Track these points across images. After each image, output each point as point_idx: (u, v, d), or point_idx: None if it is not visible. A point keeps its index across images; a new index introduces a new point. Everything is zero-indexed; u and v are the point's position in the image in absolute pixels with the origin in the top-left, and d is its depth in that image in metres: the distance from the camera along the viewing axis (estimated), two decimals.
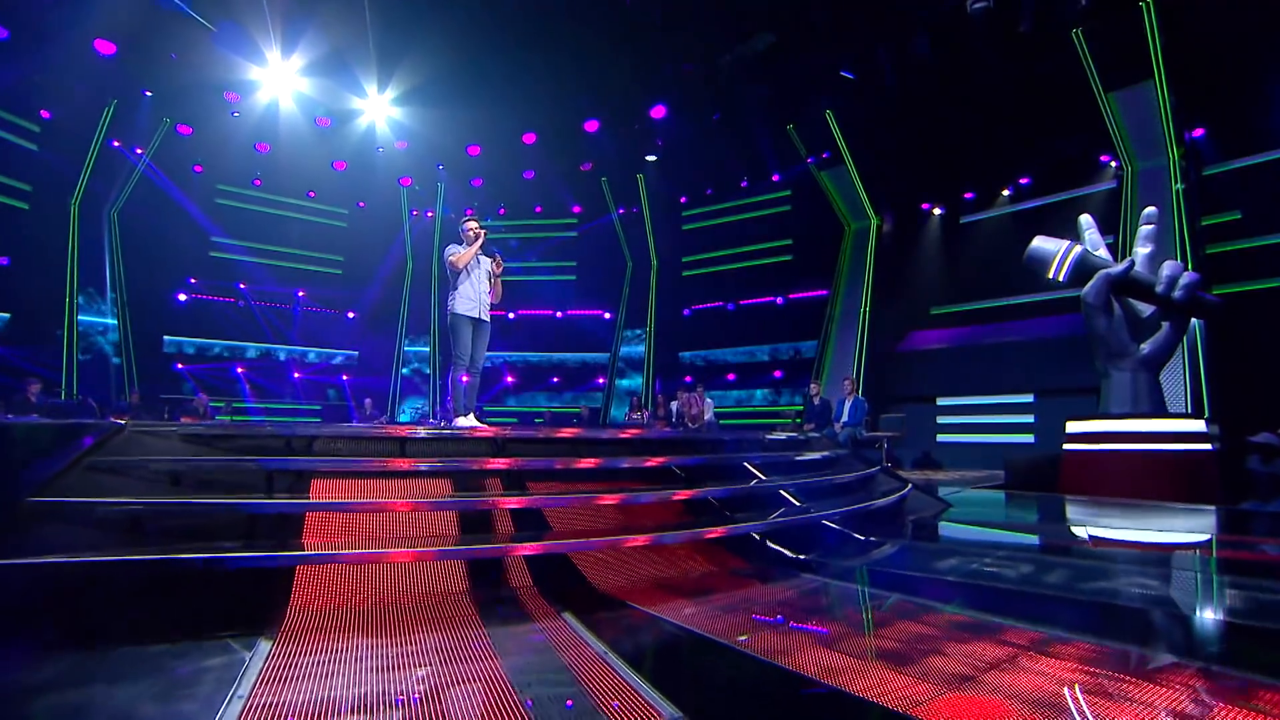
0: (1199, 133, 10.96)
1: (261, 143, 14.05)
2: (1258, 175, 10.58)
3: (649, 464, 3.97)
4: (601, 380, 17.30)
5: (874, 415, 10.31)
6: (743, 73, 12.53)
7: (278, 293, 16.06)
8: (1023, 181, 12.93)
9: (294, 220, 16.31)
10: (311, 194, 16.25)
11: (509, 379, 17.38)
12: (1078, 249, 6.93)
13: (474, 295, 5.56)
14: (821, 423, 10.51)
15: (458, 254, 5.52)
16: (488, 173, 15.80)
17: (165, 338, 14.52)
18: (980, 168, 13.09)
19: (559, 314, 17.65)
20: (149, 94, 12.04)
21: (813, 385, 11.19)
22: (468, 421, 5.64)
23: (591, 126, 13.96)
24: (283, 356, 16.23)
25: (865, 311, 13.65)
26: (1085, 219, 7.47)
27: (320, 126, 13.84)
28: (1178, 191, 10.59)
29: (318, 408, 15.96)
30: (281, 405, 15.64)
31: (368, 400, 14.11)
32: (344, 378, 16.46)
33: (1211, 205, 10.83)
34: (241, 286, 15.60)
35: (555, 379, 17.46)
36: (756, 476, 4.61)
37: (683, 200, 16.82)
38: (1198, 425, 7.11)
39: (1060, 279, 7.08)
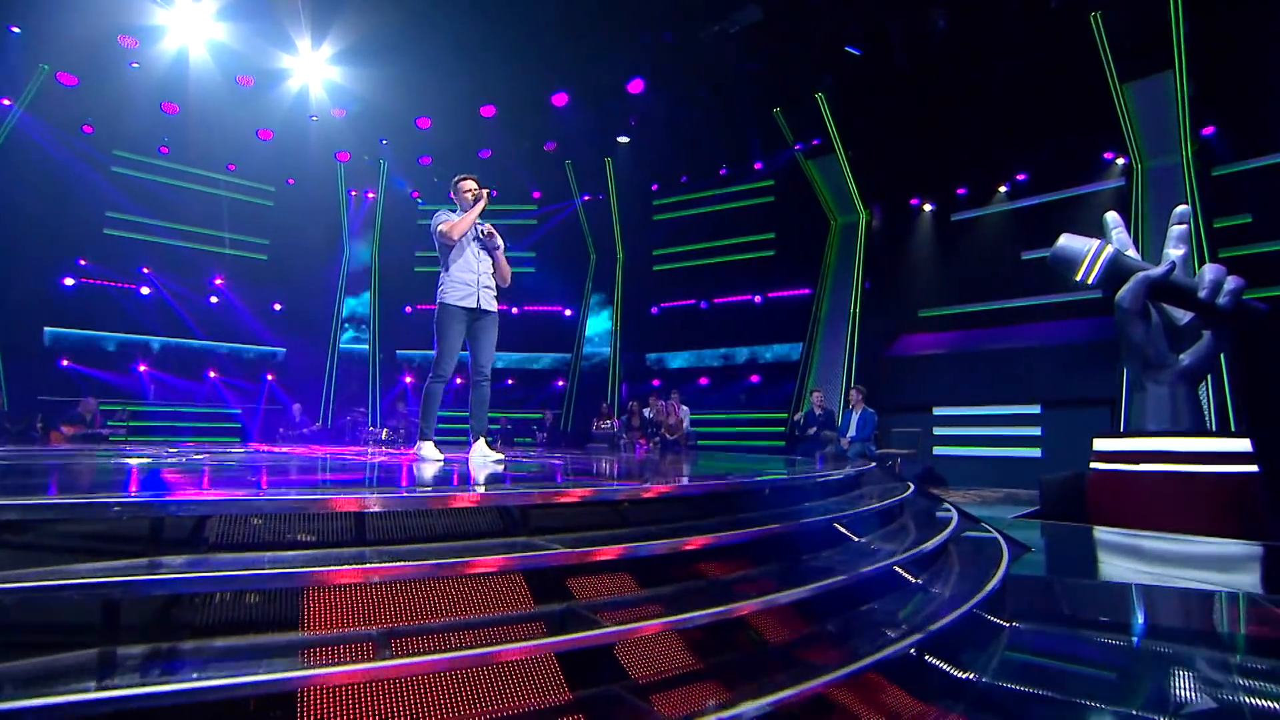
0: (1209, 130, 10.39)
1: (169, 102, 11.98)
2: (1269, 177, 10.06)
3: (712, 543, 2.64)
4: (562, 384, 15.86)
5: (882, 428, 9.29)
6: (729, 48, 11.34)
7: (190, 279, 13.94)
8: (1019, 178, 12.20)
9: (210, 196, 14.18)
10: (231, 167, 14.17)
11: (458, 380, 15.69)
12: (1110, 249, 6.09)
13: (470, 279, 4.19)
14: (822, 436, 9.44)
15: (449, 221, 4.15)
16: (439, 150, 14.10)
17: (46, 329, 12.26)
18: (975, 162, 12.28)
19: (514, 309, 16.07)
20: (16, 30, 9.86)
21: (815, 394, 10.09)
22: (430, 452, 4.24)
23: (560, 100, 12.49)
24: (195, 352, 14.11)
25: (855, 313, 12.69)
26: (1112, 216, 6.66)
27: (241, 86, 11.88)
28: (1193, 191, 9.98)
29: (237, 413, 13.95)
30: (194, 409, 13.56)
31: (296, 406, 12.28)
32: (268, 378, 14.47)
33: (1221, 207, 10.28)
34: (145, 271, 13.42)
35: (510, 380, 15.91)
36: (849, 539, 3.39)
37: (654, 188, 15.52)
38: (1243, 444, 6.30)
39: (1089, 282, 6.23)
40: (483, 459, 4.31)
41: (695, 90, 12.36)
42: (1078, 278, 6.18)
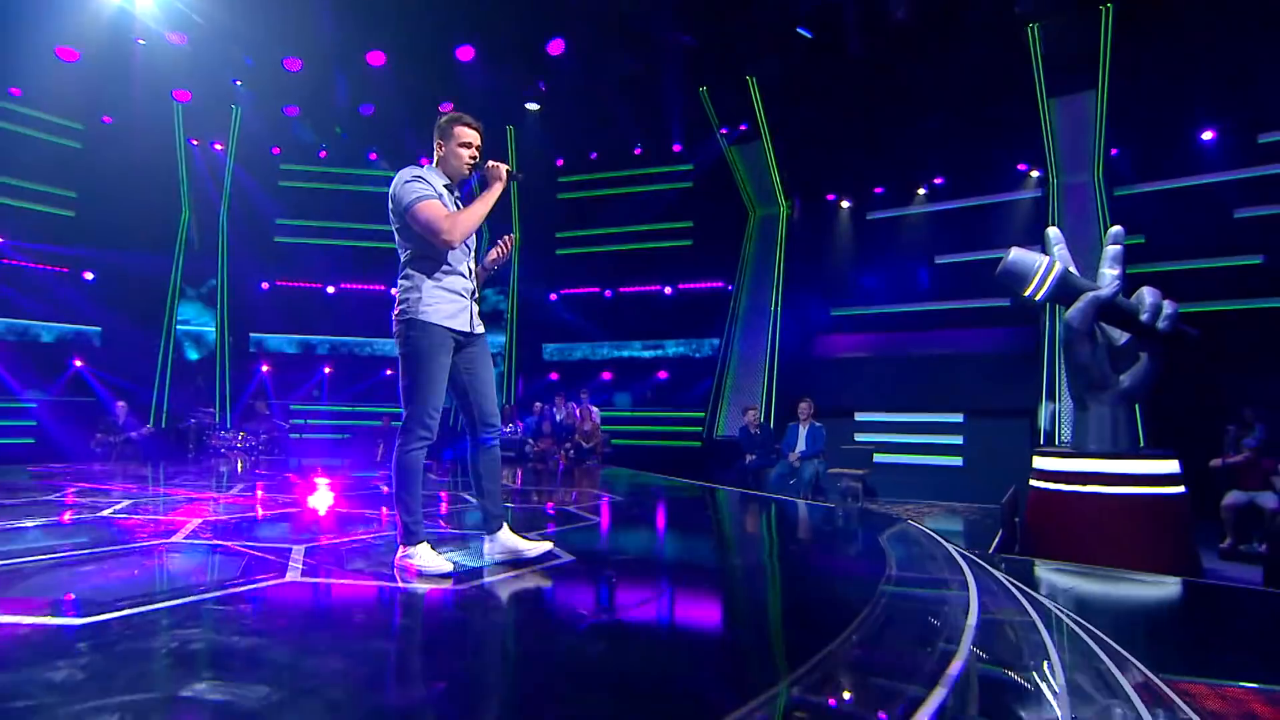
0: (1114, 152, 10.78)
1: None
2: (1162, 201, 10.57)
3: None
4: None
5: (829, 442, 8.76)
6: (663, 15, 10.24)
7: None
8: (937, 181, 12.22)
9: None
10: (16, 91, 11.00)
11: (326, 370, 13.59)
12: (1059, 266, 5.94)
13: (463, 287, 2.87)
14: (766, 454, 8.78)
15: (435, 206, 2.74)
16: (309, 99, 11.80)
17: None
18: (895, 161, 12.14)
19: (394, 290, 14.10)
20: None
21: (749, 412, 9.36)
22: (432, 560, 2.76)
23: (465, 54, 10.75)
24: None
25: (776, 311, 12.20)
26: (1054, 232, 6.50)
27: None
28: (1103, 210, 10.33)
29: (32, 406, 11.03)
30: None
31: (120, 405, 9.82)
32: (77, 363, 11.58)
33: (1121, 226, 10.74)
34: None
35: (388, 370, 13.98)
36: None
37: (559, 163, 14.12)
38: (1173, 466, 6.39)
39: (1038, 298, 6.01)
40: (513, 551, 2.96)
41: (619, 58, 11.14)
42: (1027, 293, 5.93)
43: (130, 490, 5.69)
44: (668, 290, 13.84)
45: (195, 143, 12.28)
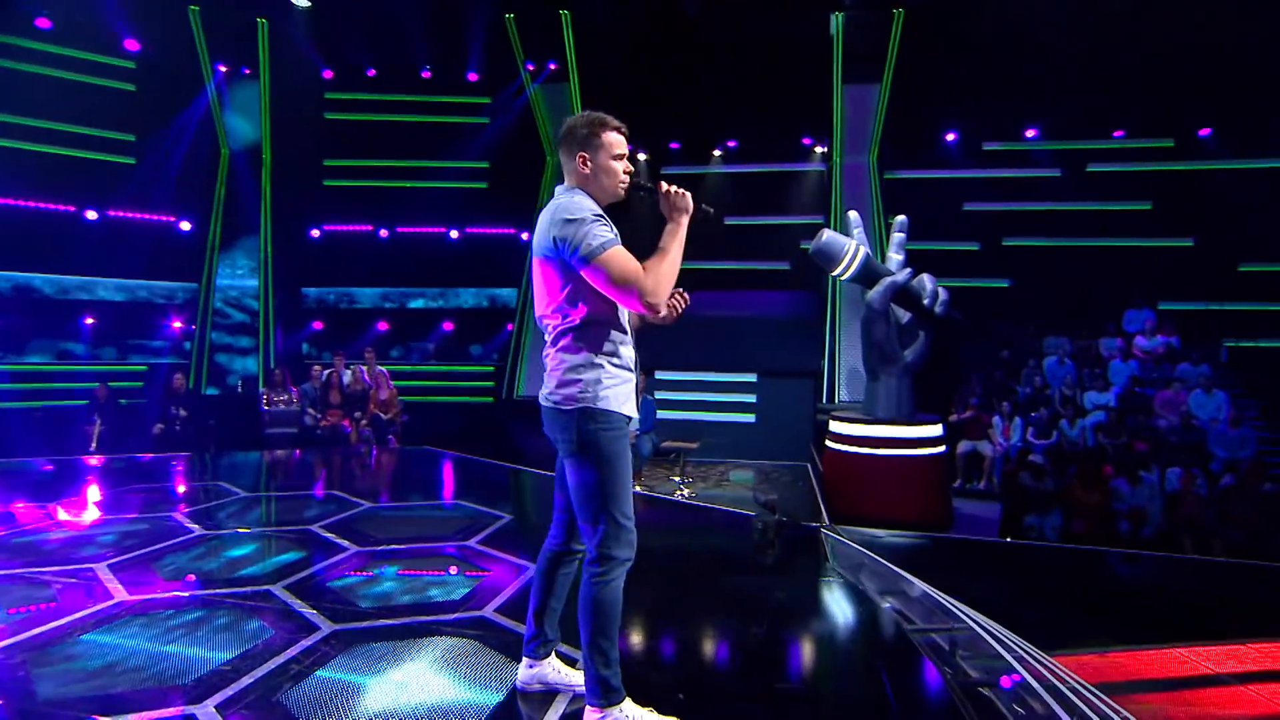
0: (884, 140, 11.97)
1: None
2: (914, 188, 12.08)
3: None
4: (180, 324, 11.53)
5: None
6: None
7: None
8: (730, 144, 12.63)
9: None
10: None
11: None
12: (864, 250, 6.76)
13: (631, 359, 2.19)
14: None
15: (621, 257, 1.99)
16: None
17: None
18: (693, 118, 12.25)
19: (94, 214, 10.92)
20: None
21: None
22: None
23: None
24: None
25: None
26: (855, 216, 7.29)
27: None
28: (876, 192, 11.53)
29: None
30: None
31: None
32: None
33: (887, 208, 12.13)
34: None
35: (90, 318, 10.93)
36: None
37: (327, 75, 11.80)
38: (938, 429, 7.66)
39: (844, 278, 6.81)
40: (563, 687, 2.31)
41: None
42: (834, 272, 6.49)
43: None
44: (454, 234, 12.64)
45: None
